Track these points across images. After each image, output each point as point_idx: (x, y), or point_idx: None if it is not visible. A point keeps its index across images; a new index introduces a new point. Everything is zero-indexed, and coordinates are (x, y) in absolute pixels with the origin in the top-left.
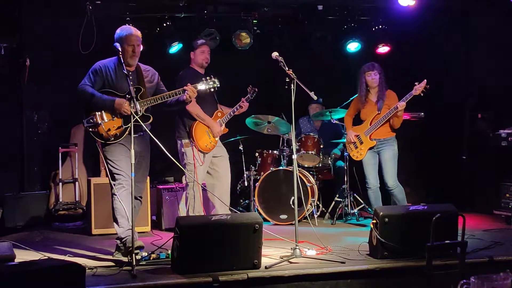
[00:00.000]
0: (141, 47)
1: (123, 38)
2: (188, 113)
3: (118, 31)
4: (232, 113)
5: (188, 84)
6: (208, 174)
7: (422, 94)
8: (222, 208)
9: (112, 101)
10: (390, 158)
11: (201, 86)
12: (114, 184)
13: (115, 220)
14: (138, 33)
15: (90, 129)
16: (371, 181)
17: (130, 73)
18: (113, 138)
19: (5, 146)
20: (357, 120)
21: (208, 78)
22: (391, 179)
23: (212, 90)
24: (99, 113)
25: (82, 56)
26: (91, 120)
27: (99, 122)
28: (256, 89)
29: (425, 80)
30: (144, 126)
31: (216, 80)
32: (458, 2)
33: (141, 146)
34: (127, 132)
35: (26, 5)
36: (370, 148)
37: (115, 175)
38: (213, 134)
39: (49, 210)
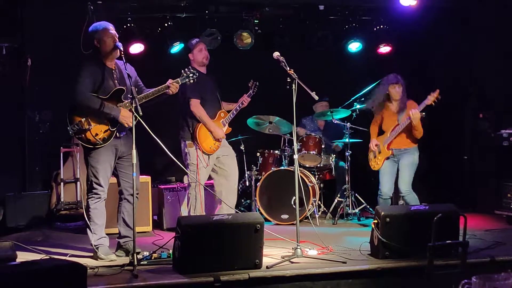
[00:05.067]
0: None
1: (100, 32)
2: (192, 114)
3: (91, 28)
4: (235, 112)
5: (170, 79)
6: (215, 172)
7: (433, 104)
8: (226, 208)
9: (117, 112)
10: (407, 165)
11: (183, 81)
12: (90, 193)
13: (87, 226)
14: (113, 26)
15: (77, 136)
16: (385, 190)
17: (113, 71)
18: (101, 142)
19: (6, 146)
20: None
21: (186, 69)
22: (405, 185)
23: (192, 81)
24: (84, 118)
25: (84, 56)
26: (76, 126)
27: (87, 127)
28: (257, 83)
29: (438, 90)
30: (142, 121)
31: (194, 71)
32: (459, 2)
33: (128, 145)
34: (114, 135)
35: (28, 5)
36: (387, 158)
37: (94, 183)
38: (214, 138)
39: (51, 210)
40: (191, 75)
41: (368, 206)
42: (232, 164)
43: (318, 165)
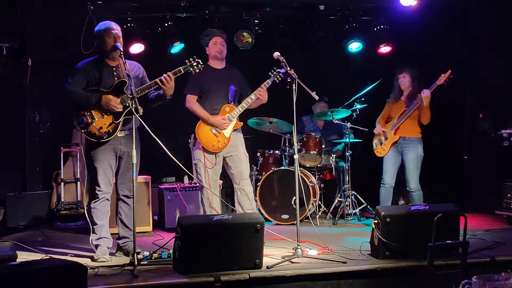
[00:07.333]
0: (122, 40)
1: (102, 32)
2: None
3: (96, 27)
4: (245, 105)
5: (167, 71)
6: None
7: (445, 84)
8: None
9: (98, 99)
10: (413, 160)
11: (186, 69)
12: (91, 194)
13: (92, 226)
14: (118, 26)
15: (83, 130)
16: (387, 179)
17: (114, 68)
18: (106, 136)
19: (7, 146)
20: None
21: (191, 59)
22: (413, 182)
23: (198, 71)
24: (88, 112)
25: (84, 56)
26: (81, 120)
27: (90, 121)
28: (280, 71)
29: (450, 70)
30: (141, 120)
31: (199, 61)
32: (459, 2)
33: (129, 145)
34: (119, 128)
35: (28, 5)
36: (394, 143)
37: (92, 183)
38: (217, 128)
39: (51, 210)
40: (195, 63)
41: (368, 206)
42: (239, 166)
43: (319, 165)
